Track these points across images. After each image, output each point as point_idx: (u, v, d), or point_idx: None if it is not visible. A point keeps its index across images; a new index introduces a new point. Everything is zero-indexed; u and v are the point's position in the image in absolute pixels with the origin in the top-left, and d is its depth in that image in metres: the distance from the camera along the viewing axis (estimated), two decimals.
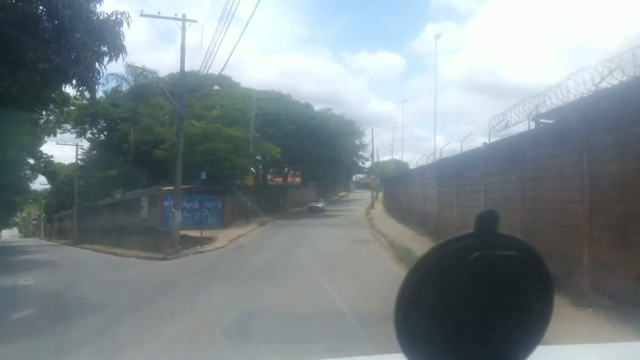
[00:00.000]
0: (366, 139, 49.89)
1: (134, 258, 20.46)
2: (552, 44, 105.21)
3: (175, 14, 20.02)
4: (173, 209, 18.66)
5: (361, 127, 48.58)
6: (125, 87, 35.02)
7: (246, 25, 32.86)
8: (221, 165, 26.02)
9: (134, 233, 25.32)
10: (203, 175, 19.97)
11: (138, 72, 33.79)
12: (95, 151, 41.60)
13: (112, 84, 34.56)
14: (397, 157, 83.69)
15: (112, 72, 33.50)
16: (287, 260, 14.32)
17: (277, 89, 38.32)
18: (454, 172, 14.67)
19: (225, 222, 26.99)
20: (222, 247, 19.10)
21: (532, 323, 0.70)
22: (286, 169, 47.15)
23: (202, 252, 18.28)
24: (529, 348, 0.71)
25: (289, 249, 16.77)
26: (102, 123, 39.72)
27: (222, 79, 46.85)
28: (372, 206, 43.82)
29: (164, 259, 18.29)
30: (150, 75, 34.41)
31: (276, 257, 14.88)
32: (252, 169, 37.10)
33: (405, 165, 68.06)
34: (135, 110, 35.03)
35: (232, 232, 23.34)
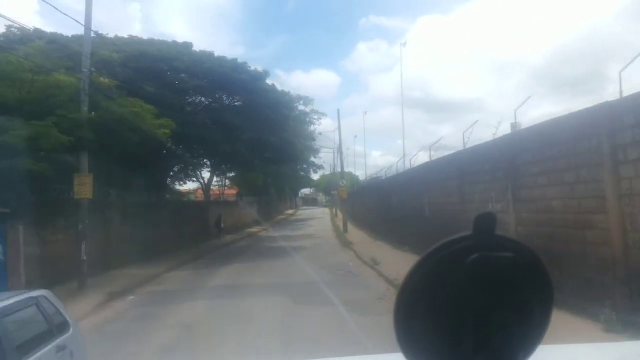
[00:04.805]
0: (314, 143, 34.44)
1: None
2: (478, 59, 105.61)
3: None
4: None
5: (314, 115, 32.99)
6: None
7: None
8: None
9: None
10: None
11: None
12: None
13: None
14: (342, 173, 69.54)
15: None
16: None
17: None
18: None
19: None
20: None
21: (531, 324, 0.68)
22: (207, 170, 29.77)
23: None
24: (529, 349, 0.68)
25: None
26: None
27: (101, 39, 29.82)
28: (345, 229, 27.56)
29: None
30: None
31: None
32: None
33: (357, 178, 54.46)
34: None
35: None
